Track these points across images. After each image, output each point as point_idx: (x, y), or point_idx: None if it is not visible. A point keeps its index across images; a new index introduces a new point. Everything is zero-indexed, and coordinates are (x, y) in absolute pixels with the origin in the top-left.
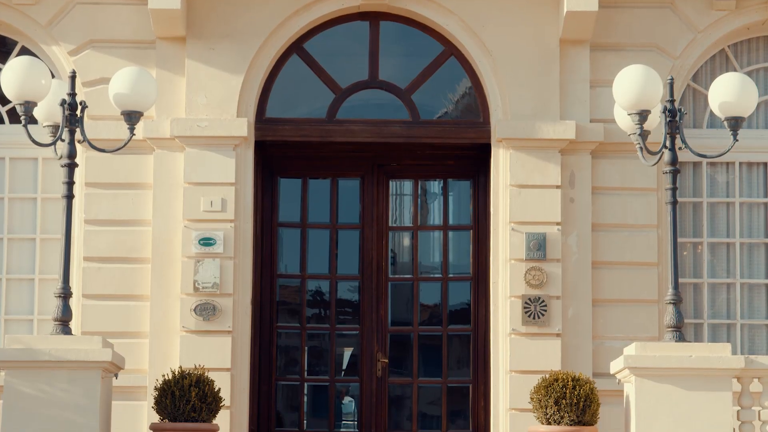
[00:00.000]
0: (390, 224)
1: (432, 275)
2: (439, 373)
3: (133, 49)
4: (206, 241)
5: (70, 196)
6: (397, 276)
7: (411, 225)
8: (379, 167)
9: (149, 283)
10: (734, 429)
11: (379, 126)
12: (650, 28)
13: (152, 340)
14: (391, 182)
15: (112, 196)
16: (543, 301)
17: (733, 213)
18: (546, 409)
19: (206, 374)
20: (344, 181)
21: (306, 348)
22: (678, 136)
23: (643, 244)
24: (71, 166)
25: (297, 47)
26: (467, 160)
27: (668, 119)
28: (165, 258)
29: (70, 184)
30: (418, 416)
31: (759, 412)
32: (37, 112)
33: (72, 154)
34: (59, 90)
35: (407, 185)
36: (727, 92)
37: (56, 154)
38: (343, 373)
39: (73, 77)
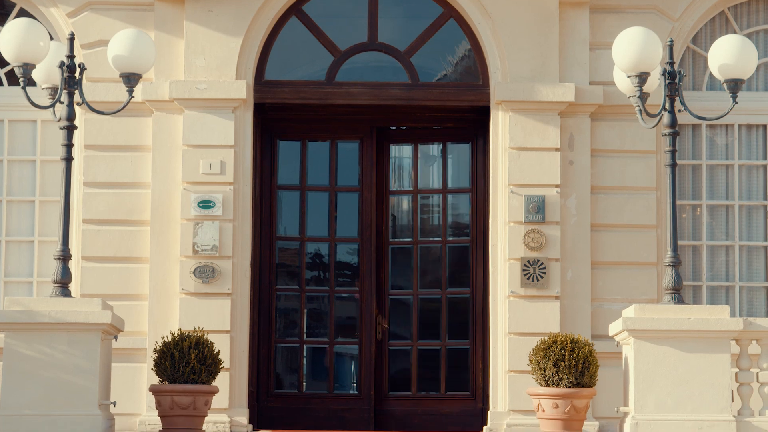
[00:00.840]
0: (390, 188)
1: (431, 238)
2: (439, 335)
3: (132, 11)
4: (205, 204)
5: (69, 159)
6: (396, 240)
7: (410, 188)
8: (379, 130)
9: (148, 246)
10: (732, 391)
11: (378, 88)
12: None
13: (152, 302)
14: (390, 145)
15: (111, 159)
16: (542, 264)
17: (732, 175)
18: (545, 371)
19: (206, 336)
20: (343, 144)
21: (305, 310)
22: (677, 98)
23: (642, 207)
24: (70, 129)
25: (296, 9)
26: (466, 122)
27: (668, 81)
28: (164, 220)
29: (69, 146)
30: (417, 379)
31: (757, 374)
32: (35, 74)
33: (71, 116)
34: (58, 52)
35: (407, 148)
36: (727, 54)
37: (55, 116)
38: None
39: (71, 39)
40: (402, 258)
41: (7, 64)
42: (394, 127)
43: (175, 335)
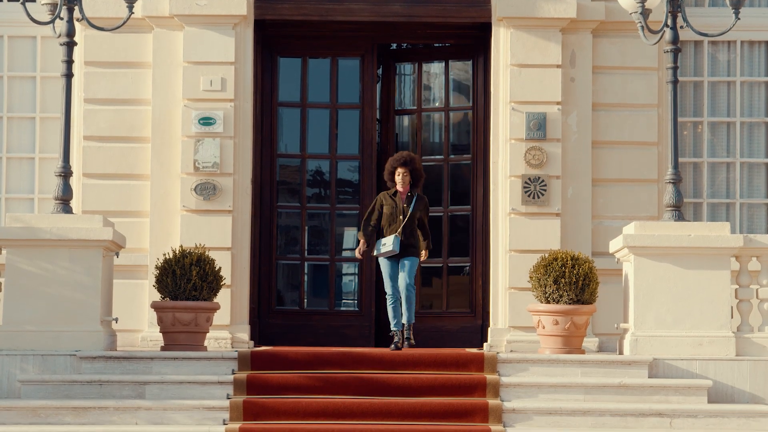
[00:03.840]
0: (395, 107)
1: (433, 156)
2: (440, 252)
3: None
4: (206, 121)
5: (69, 75)
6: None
7: (412, 105)
8: (380, 47)
9: (149, 163)
10: (732, 307)
11: (379, 5)
12: None
13: (153, 219)
14: (391, 62)
15: (112, 75)
16: (543, 181)
17: (733, 92)
18: (545, 288)
19: (207, 253)
20: (344, 61)
21: (306, 227)
22: (679, 14)
23: (644, 124)
24: (70, 45)
25: None
26: (468, 39)
27: None
28: (165, 137)
29: (69, 62)
30: (420, 296)
31: (757, 290)
32: None
33: (71, 32)
34: None
35: (408, 65)
36: None
37: (55, 32)
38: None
39: None
40: None
41: None
42: (394, 45)
43: (177, 252)
